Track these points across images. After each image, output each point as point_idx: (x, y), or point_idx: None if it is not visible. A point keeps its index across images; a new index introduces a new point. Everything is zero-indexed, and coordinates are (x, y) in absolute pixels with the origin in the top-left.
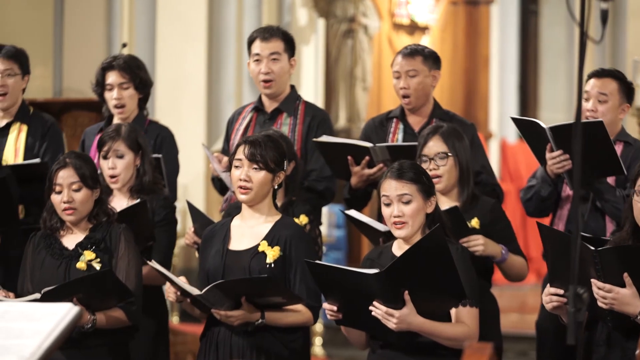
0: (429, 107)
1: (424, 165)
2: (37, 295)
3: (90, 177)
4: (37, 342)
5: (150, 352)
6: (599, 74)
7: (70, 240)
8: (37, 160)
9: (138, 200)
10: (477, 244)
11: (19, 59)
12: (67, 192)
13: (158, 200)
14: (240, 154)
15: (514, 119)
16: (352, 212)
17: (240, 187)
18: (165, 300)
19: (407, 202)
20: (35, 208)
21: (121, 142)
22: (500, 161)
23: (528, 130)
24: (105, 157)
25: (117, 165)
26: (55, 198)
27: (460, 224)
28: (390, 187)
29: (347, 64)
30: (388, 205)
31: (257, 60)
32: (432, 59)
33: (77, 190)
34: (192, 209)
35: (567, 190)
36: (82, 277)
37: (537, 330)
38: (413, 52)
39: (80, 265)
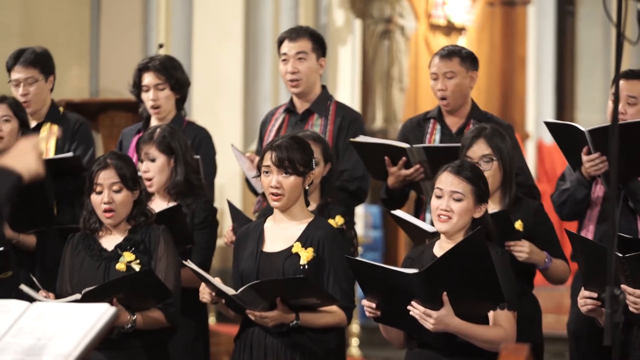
0: (466, 108)
1: None
2: (78, 296)
3: (131, 178)
4: (73, 342)
5: (190, 353)
6: (627, 75)
7: (109, 242)
8: (70, 154)
9: (174, 204)
10: (522, 250)
11: (39, 63)
12: (107, 193)
13: (199, 203)
14: (268, 160)
15: (547, 123)
16: (399, 212)
17: (272, 194)
18: (205, 303)
19: (458, 200)
20: (68, 207)
21: (152, 145)
22: (537, 162)
23: (561, 134)
24: (140, 161)
25: (150, 169)
26: (95, 198)
27: (508, 227)
28: (446, 181)
29: (383, 65)
30: (439, 197)
31: (284, 60)
32: (469, 60)
33: (117, 191)
34: (232, 208)
35: (596, 192)
36: (123, 276)
37: (568, 331)
38: (450, 53)
39: (120, 266)
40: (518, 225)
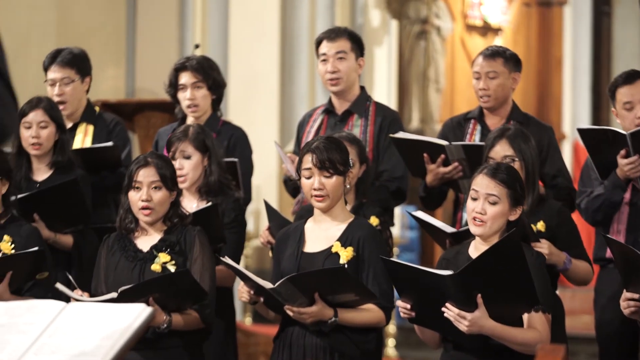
0: (507, 109)
1: None
2: (114, 295)
3: (170, 179)
4: (110, 342)
5: (219, 352)
6: (627, 79)
7: (145, 242)
8: (109, 143)
9: (210, 203)
10: (541, 250)
11: (76, 64)
12: (146, 191)
13: (228, 202)
14: (309, 163)
15: (580, 130)
16: (419, 214)
17: (316, 196)
18: (233, 302)
19: (493, 203)
20: (102, 207)
21: (188, 143)
22: (573, 163)
23: (594, 140)
24: (173, 158)
25: (184, 166)
26: (133, 195)
27: (526, 229)
28: (482, 184)
29: (420, 66)
30: (474, 199)
31: (324, 60)
32: (513, 61)
33: (157, 190)
34: (269, 208)
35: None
36: (160, 276)
37: (596, 332)
38: (494, 53)
39: (155, 267)
40: (540, 226)
